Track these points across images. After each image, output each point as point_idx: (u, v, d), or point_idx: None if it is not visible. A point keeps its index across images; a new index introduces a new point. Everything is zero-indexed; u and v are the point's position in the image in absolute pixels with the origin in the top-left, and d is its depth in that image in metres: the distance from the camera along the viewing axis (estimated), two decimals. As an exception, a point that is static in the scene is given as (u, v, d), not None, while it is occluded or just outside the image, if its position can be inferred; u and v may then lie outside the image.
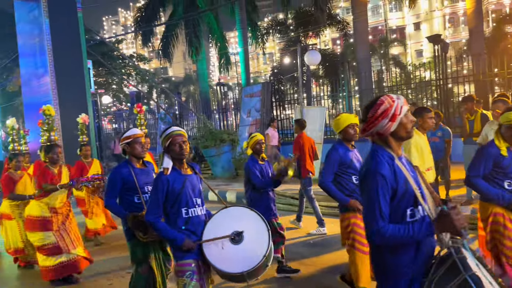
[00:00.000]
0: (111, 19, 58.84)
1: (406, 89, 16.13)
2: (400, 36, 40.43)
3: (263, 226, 3.14)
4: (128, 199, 3.74)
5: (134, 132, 3.78)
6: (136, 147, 3.75)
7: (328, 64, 20.37)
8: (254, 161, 4.86)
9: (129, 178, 3.70)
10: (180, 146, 3.07)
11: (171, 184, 3.03)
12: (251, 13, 19.65)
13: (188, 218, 3.06)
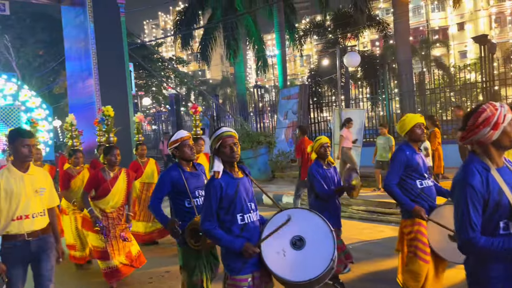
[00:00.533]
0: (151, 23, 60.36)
1: (450, 92, 15.58)
2: (443, 37, 39.10)
3: (326, 228, 2.90)
4: (179, 204, 3.59)
5: (181, 135, 3.63)
6: (185, 150, 3.59)
7: (367, 66, 19.99)
8: (319, 166, 4.58)
9: (179, 181, 3.54)
10: (231, 148, 2.88)
11: (224, 189, 2.84)
12: (289, 15, 19.60)
13: (243, 224, 2.84)
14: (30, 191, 3.34)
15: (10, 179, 3.29)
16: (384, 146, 9.67)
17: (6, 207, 3.25)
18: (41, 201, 3.41)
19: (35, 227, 3.34)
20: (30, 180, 3.36)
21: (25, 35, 26.98)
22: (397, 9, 15.14)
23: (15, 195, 3.27)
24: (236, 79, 21.07)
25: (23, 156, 3.30)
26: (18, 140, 3.29)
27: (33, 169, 3.45)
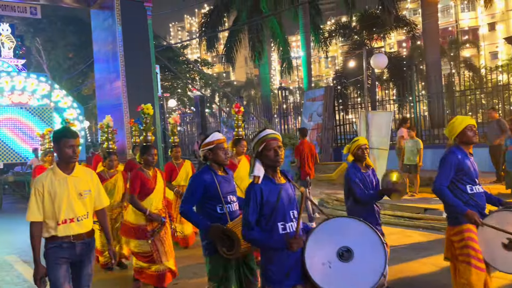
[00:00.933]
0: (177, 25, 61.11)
1: (480, 94, 15.16)
2: (473, 38, 38.07)
3: (376, 239, 2.68)
4: (209, 209, 3.36)
5: (217, 137, 3.44)
6: (219, 154, 3.40)
7: (394, 67, 19.64)
8: (356, 169, 4.33)
9: (212, 185, 3.33)
10: (276, 152, 2.73)
11: (265, 195, 2.68)
12: (314, 16, 19.48)
13: (285, 234, 2.66)
14: (73, 194, 3.22)
15: (54, 181, 3.19)
16: (412, 149, 9.48)
17: (50, 209, 3.17)
18: (85, 204, 3.29)
19: (81, 230, 3.26)
20: (73, 183, 3.24)
21: (56, 38, 27.75)
22: (425, 9, 14.84)
23: (58, 197, 3.16)
24: (260, 81, 21.09)
25: (68, 157, 3.19)
26: (62, 140, 3.17)
27: (78, 170, 3.30)
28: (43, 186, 3.16)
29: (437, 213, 8.01)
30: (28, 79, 14.71)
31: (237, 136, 5.51)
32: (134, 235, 4.83)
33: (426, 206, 8.46)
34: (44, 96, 14.77)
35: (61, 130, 3.35)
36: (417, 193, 9.56)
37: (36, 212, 3.14)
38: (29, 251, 3.08)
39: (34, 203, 3.15)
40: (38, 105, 14.53)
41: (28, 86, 14.57)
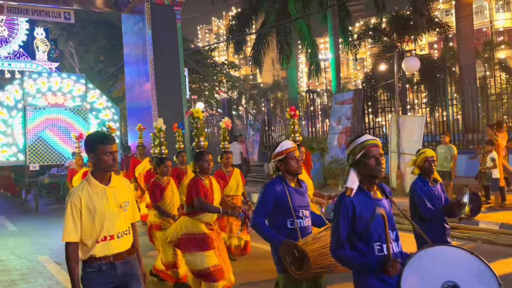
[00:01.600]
0: (205, 28, 61.68)
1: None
2: (508, 39, 36.76)
3: (490, 276, 2.29)
4: (279, 223, 3.10)
5: (286, 146, 3.16)
6: (291, 164, 3.13)
7: (425, 70, 19.16)
8: (424, 183, 4.04)
9: (283, 197, 3.06)
10: (377, 160, 2.46)
11: (358, 210, 2.42)
12: (343, 18, 19.23)
13: (382, 256, 2.38)
14: (114, 207, 2.83)
15: (91, 193, 2.79)
16: (445, 155, 9.17)
17: (89, 227, 2.77)
18: (126, 217, 2.91)
19: (121, 248, 2.85)
20: (113, 194, 2.85)
21: (88, 41, 28.44)
22: (459, 11, 14.39)
23: (98, 213, 2.76)
24: (288, 83, 20.99)
25: (106, 165, 2.80)
26: (99, 147, 2.77)
27: (115, 180, 2.92)
28: (80, 200, 2.76)
29: (473, 223, 7.72)
30: (64, 79, 14.62)
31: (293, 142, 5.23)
32: (198, 245, 4.26)
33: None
34: (79, 97, 14.67)
35: (95, 135, 2.92)
36: (450, 200, 9.24)
37: (73, 231, 2.73)
38: (62, 253, 2.84)
39: (71, 220, 2.74)
40: (74, 106, 14.43)
41: (64, 87, 14.44)
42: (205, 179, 4.44)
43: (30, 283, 5.70)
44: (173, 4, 14.26)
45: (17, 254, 7.19)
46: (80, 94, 14.61)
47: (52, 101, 14.05)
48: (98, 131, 2.71)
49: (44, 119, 13.75)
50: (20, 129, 13.46)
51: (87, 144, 2.87)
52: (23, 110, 13.52)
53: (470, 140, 13.11)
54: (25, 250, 7.48)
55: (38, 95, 13.92)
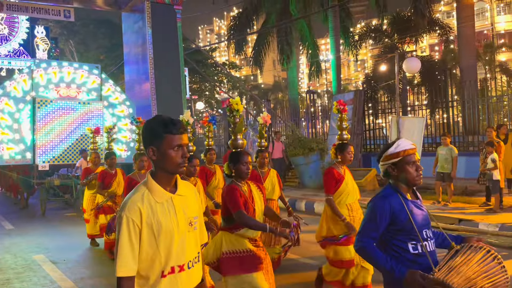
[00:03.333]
0: (206, 28, 61.66)
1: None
2: (509, 41, 36.72)
3: None
4: (397, 247, 2.43)
5: (404, 147, 2.44)
6: (409, 170, 2.43)
7: (426, 71, 19.11)
8: None
9: (402, 214, 2.40)
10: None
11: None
12: (344, 19, 19.18)
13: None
14: (183, 225, 1.99)
15: (154, 205, 1.95)
16: (446, 157, 9.11)
17: (151, 254, 1.92)
18: (196, 238, 2.08)
19: (192, 282, 2.04)
20: (181, 206, 2.01)
21: (88, 40, 28.42)
22: (461, 12, 14.35)
23: (164, 233, 1.93)
24: (289, 84, 20.94)
25: (175, 164, 1.97)
26: (165, 138, 1.95)
27: (182, 185, 2.08)
28: (140, 214, 1.91)
29: (472, 224, 7.67)
30: (78, 70, 13.01)
31: (340, 140, 4.78)
32: (242, 266, 3.42)
33: (460, 217, 8.09)
34: (94, 90, 13.10)
35: (160, 120, 1.99)
36: (450, 202, 9.19)
37: (130, 260, 1.88)
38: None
39: (127, 244, 1.88)
40: (88, 99, 12.93)
41: (77, 78, 12.86)
42: (243, 185, 3.56)
43: (25, 282, 5.63)
44: (173, 3, 14.22)
45: (13, 253, 7.13)
46: (94, 87, 13.13)
47: (64, 94, 12.55)
48: (163, 115, 1.82)
49: (55, 113, 12.16)
50: (28, 123, 11.86)
51: (147, 133, 2.00)
52: (32, 103, 11.91)
53: (471, 142, 13.06)
54: (20, 248, 7.41)
55: (50, 86, 12.42)
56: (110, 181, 6.80)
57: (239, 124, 3.72)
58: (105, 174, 6.85)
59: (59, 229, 9.06)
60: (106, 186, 6.78)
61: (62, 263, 6.44)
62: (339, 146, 4.69)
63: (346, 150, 4.60)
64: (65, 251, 7.05)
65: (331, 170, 4.57)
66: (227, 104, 3.74)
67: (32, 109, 11.89)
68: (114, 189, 6.80)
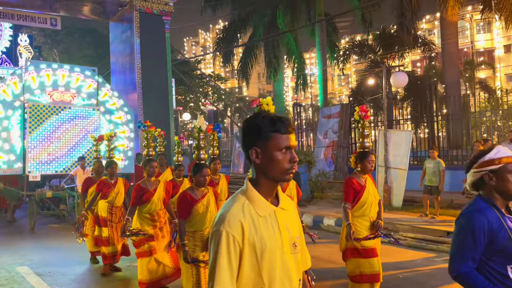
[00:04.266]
0: (191, 40, 61.75)
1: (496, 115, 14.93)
2: (488, 59, 37.83)
3: None
4: (494, 272, 2.09)
5: (505, 154, 2.19)
6: (510, 181, 2.14)
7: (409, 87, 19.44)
8: None
9: (501, 233, 2.06)
10: None
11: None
12: (331, 34, 19.47)
13: None
14: (287, 245, 1.66)
15: (257, 220, 1.62)
16: (434, 170, 9.22)
17: (253, 279, 1.59)
18: (298, 263, 1.72)
19: None
20: (284, 221, 1.69)
21: (72, 49, 28.11)
22: (445, 29, 14.74)
23: (268, 253, 1.59)
24: (275, 97, 21.04)
25: (282, 170, 1.65)
26: (273, 137, 1.63)
27: (284, 197, 1.76)
28: (242, 230, 1.58)
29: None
30: (73, 73, 11.99)
31: (361, 149, 4.49)
32: None
33: (449, 230, 8.16)
34: (90, 94, 12.14)
35: (265, 117, 1.68)
36: (437, 215, 9.27)
37: (228, 284, 1.55)
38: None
39: (226, 265, 1.56)
40: (83, 104, 11.95)
41: (72, 82, 11.87)
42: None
43: (9, 294, 5.42)
44: (162, 13, 14.21)
45: (-5, 265, 6.87)
46: (90, 91, 12.18)
47: (57, 98, 11.55)
48: (264, 111, 1.52)
49: (48, 119, 11.21)
50: (18, 130, 10.91)
51: (249, 131, 1.69)
52: (22, 108, 10.98)
53: (455, 156, 13.27)
54: (3, 260, 7.16)
55: (42, 89, 11.44)
56: (108, 190, 6.45)
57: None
58: (104, 184, 6.49)
59: (46, 242, 8.71)
60: (104, 196, 6.45)
61: (47, 275, 6.24)
62: (359, 154, 4.42)
63: (367, 159, 4.33)
64: (51, 264, 6.82)
65: (351, 180, 4.36)
66: (257, 104, 3.41)
67: (22, 114, 10.99)
68: (111, 199, 6.44)
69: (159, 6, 14.14)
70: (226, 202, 1.70)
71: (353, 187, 4.30)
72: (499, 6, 13.85)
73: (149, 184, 5.27)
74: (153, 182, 5.30)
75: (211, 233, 1.63)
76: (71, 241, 7.54)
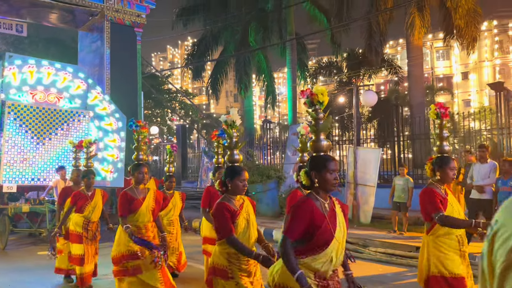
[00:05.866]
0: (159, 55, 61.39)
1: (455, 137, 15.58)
2: (447, 85, 39.74)
3: None
4: None
5: None
6: None
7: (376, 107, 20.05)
8: None
9: None
10: None
11: None
12: (300, 53, 19.85)
13: None
14: None
15: None
16: (403, 187, 9.43)
17: None
18: None
19: None
20: None
21: (36, 59, 27.22)
22: (411, 52, 15.35)
23: None
24: (245, 114, 21.10)
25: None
26: None
27: None
28: None
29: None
30: (60, 71, 10.72)
31: (441, 153, 3.82)
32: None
33: (417, 245, 8.31)
34: (78, 97, 10.87)
35: None
36: (405, 231, 9.45)
37: None
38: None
39: None
40: (70, 107, 10.65)
41: (59, 81, 10.57)
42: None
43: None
44: (134, 25, 14.05)
45: None
46: (79, 93, 10.94)
47: (41, 99, 10.27)
48: None
49: (28, 122, 9.87)
50: None
51: None
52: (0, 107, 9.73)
53: (420, 175, 13.67)
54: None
55: (24, 88, 10.12)
56: (84, 203, 5.75)
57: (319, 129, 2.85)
58: (80, 196, 5.78)
59: (18, 263, 7.86)
60: (79, 209, 5.74)
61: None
62: (438, 160, 3.62)
63: (448, 165, 3.53)
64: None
65: (431, 190, 3.53)
66: (307, 95, 2.83)
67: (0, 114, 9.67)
68: (87, 213, 5.74)
69: (131, 18, 13.99)
70: None
71: (436, 195, 3.49)
72: (461, 33, 14.64)
73: (137, 192, 4.69)
74: (142, 190, 4.71)
75: None
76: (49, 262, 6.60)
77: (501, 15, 36.44)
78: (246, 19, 18.87)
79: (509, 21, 34.96)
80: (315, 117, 2.85)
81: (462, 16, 13.79)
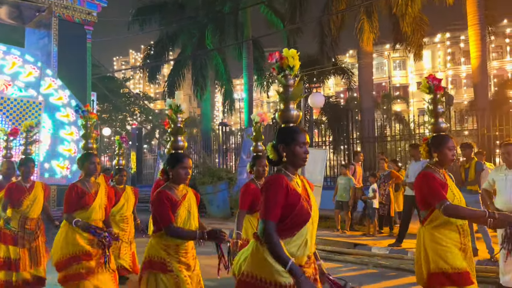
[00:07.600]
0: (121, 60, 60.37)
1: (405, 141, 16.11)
2: (403, 94, 41.09)
3: None
4: None
5: None
6: None
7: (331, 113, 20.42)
8: None
9: None
10: None
11: None
12: (258, 58, 19.99)
13: None
14: None
15: None
16: (345, 186, 9.61)
17: None
18: None
19: None
20: None
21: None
22: (361, 57, 15.75)
23: None
24: (202, 116, 21.02)
25: None
26: None
27: None
28: None
29: (366, 248, 8.05)
30: (8, 55, 9.66)
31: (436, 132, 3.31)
32: None
33: (356, 242, 8.47)
34: (29, 84, 9.85)
35: None
36: (348, 230, 9.60)
37: None
38: None
39: None
40: (20, 96, 9.62)
41: (7, 66, 9.55)
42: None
43: None
44: (84, 23, 13.70)
45: None
46: (30, 80, 9.99)
47: None
48: None
49: None
50: None
51: None
52: None
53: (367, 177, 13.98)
54: None
55: None
56: (20, 197, 4.90)
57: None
58: (16, 188, 4.93)
59: None
60: (15, 204, 4.89)
61: None
62: (434, 140, 3.17)
63: (446, 145, 3.10)
64: None
65: (429, 174, 3.07)
66: (277, 59, 2.48)
67: None
68: (25, 209, 4.92)
69: (81, 15, 13.65)
70: None
71: (437, 180, 3.04)
72: (408, 41, 15.17)
73: (88, 185, 4.18)
74: (93, 184, 4.21)
75: None
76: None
77: (454, 28, 38.10)
78: (203, 22, 18.84)
79: (461, 34, 36.59)
80: (285, 84, 2.51)
81: (409, 24, 14.30)
